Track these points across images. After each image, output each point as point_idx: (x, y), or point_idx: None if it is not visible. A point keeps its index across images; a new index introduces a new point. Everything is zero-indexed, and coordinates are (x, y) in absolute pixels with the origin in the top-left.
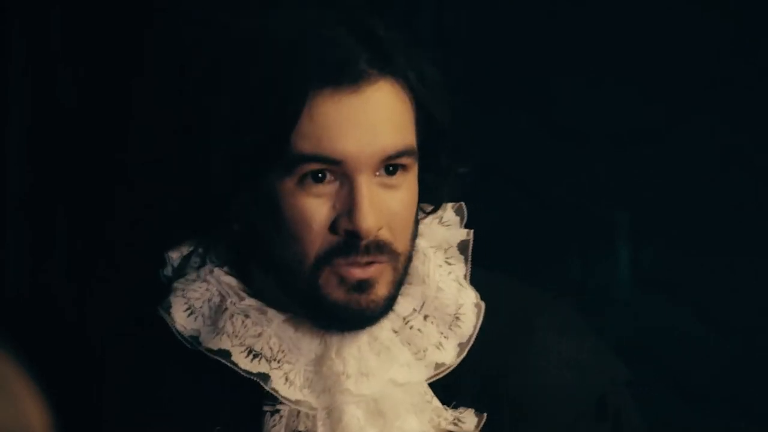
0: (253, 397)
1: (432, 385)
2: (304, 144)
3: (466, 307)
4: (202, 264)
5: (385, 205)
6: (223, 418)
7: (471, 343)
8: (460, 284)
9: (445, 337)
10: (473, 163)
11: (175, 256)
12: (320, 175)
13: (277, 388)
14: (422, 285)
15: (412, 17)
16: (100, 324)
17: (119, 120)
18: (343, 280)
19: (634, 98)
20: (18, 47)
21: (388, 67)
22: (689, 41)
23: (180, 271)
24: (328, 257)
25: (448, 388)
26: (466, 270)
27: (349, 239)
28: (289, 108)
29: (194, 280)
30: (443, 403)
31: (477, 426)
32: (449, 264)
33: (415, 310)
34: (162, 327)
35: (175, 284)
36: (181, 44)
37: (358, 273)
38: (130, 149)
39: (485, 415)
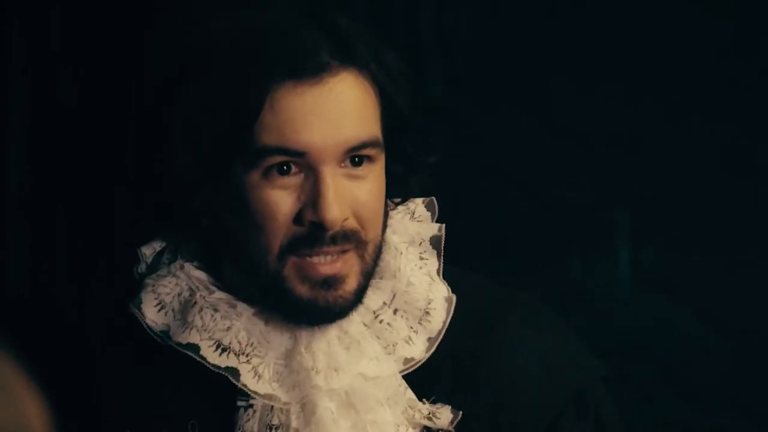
0: (227, 392)
1: (407, 379)
2: (268, 137)
3: (436, 302)
4: (174, 260)
5: (352, 195)
6: (198, 412)
7: (440, 338)
8: (432, 279)
9: (414, 331)
10: (441, 154)
11: (147, 252)
12: (285, 167)
13: (246, 382)
14: (393, 279)
15: (412, 17)
16: (97, 324)
17: (119, 120)
18: (307, 277)
19: (634, 98)
20: (18, 47)
21: (350, 58)
22: (689, 41)
23: (153, 268)
24: (292, 247)
25: (424, 383)
26: (439, 265)
27: (314, 230)
28: (250, 101)
29: (164, 276)
30: (420, 398)
31: (452, 422)
32: (422, 259)
33: (385, 303)
34: (135, 323)
35: (147, 280)
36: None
37: (325, 269)
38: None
39: (461, 412)
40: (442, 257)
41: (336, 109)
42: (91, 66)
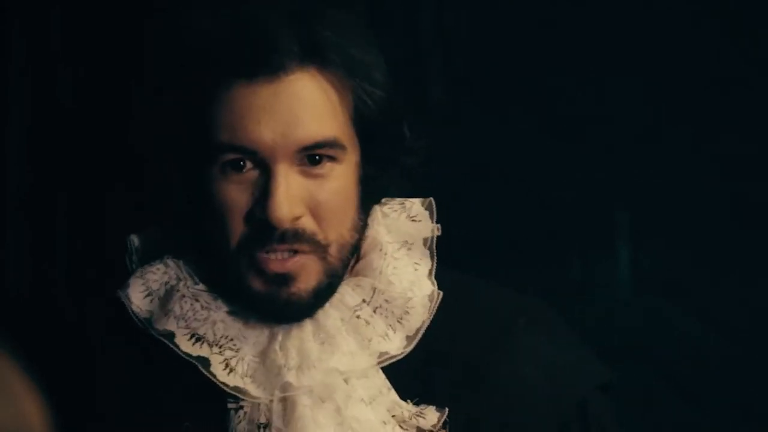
0: (218, 395)
1: (394, 380)
2: (222, 134)
3: (416, 300)
4: (168, 254)
5: (308, 193)
6: (191, 414)
7: (419, 335)
8: (418, 278)
9: (392, 329)
10: (423, 156)
11: (137, 241)
12: (241, 163)
13: (215, 372)
14: (375, 278)
15: (412, 17)
16: (95, 322)
17: (119, 120)
18: (260, 271)
19: (634, 98)
20: (18, 47)
21: (311, 58)
22: (690, 41)
23: (144, 258)
24: (246, 245)
25: (412, 385)
26: (432, 265)
27: (263, 228)
28: (201, 99)
29: (154, 264)
30: (406, 398)
31: (438, 421)
32: (413, 259)
33: (364, 301)
34: (123, 310)
35: (139, 269)
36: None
37: (275, 266)
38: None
39: (446, 410)
40: (434, 257)
41: (289, 108)
42: (91, 66)
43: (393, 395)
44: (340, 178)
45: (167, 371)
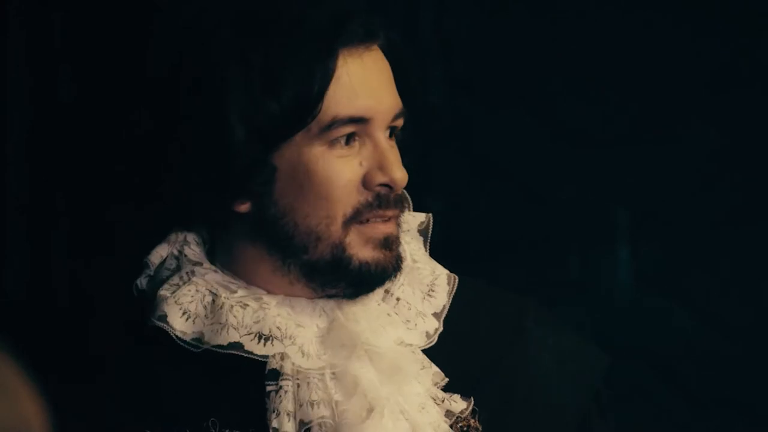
0: (247, 382)
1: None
2: (336, 107)
3: (441, 279)
4: (178, 267)
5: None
6: (219, 407)
7: (445, 313)
8: (429, 258)
9: (423, 309)
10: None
11: (155, 261)
12: (349, 137)
13: (296, 362)
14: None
15: (412, 17)
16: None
17: (119, 119)
18: (370, 239)
19: (634, 98)
20: (18, 47)
21: (380, 37)
22: (689, 41)
23: (156, 276)
24: (357, 214)
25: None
26: (426, 252)
27: (382, 193)
28: (321, 72)
29: (178, 285)
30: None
31: (468, 407)
32: (417, 243)
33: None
34: (155, 336)
35: (161, 292)
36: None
37: (383, 228)
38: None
39: (472, 399)
40: (428, 244)
41: (384, 77)
42: (92, 64)
43: (434, 369)
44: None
45: (193, 371)
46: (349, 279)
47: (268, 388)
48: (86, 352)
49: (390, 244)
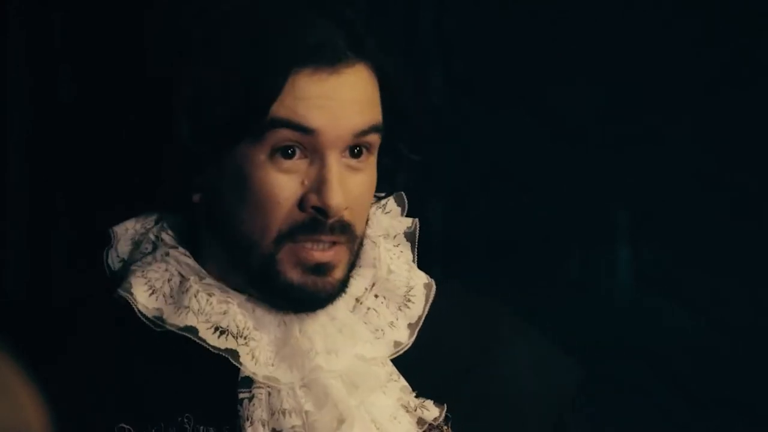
0: (223, 384)
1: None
2: (278, 110)
3: (417, 289)
4: (154, 249)
5: (350, 186)
6: (194, 405)
7: (420, 324)
8: (410, 267)
9: (396, 318)
10: (423, 154)
11: (119, 231)
12: (290, 151)
13: (245, 363)
14: (373, 268)
15: (412, 17)
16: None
17: (120, 119)
18: (300, 261)
19: (634, 98)
20: (18, 47)
21: (362, 52)
22: (690, 41)
23: (129, 260)
24: (291, 234)
25: (413, 379)
26: (413, 257)
27: (315, 217)
28: (271, 82)
29: (151, 262)
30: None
31: (440, 414)
32: (399, 249)
33: (366, 289)
34: (123, 310)
35: (133, 267)
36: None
37: (318, 255)
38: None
39: (445, 405)
40: (416, 249)
41: (348, 97)
42: (92, 64)
43: (402, 383)
44: (371, 172)
45: (169, 367)
46: (279, 295)
47: (241, 395)
48: (82, 348)
49: (323, 271)
